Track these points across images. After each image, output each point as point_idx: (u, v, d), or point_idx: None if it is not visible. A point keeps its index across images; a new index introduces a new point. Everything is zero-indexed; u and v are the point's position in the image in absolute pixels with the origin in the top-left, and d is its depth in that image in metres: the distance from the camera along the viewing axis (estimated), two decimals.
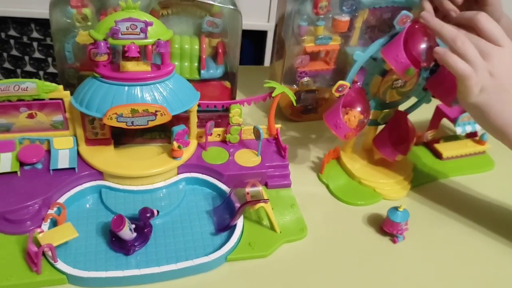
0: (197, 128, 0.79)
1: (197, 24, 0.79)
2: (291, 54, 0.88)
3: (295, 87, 0.92)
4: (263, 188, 0.71)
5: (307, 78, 0.92)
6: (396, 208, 0.71)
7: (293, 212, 0.75)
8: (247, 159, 0.79)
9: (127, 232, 0.64)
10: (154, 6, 0.75)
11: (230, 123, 0.80)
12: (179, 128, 0.75)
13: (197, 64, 0.80)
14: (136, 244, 0.65)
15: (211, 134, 0.80)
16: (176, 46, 0.78)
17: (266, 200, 0.68)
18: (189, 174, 0.77)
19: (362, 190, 0.81)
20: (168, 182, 0.75)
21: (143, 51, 0.68)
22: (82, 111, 0.68)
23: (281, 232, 0.70)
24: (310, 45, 0.87)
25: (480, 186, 0.85)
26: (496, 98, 0.65)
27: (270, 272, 0.66)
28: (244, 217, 0.71)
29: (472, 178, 0.88)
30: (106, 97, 0.67)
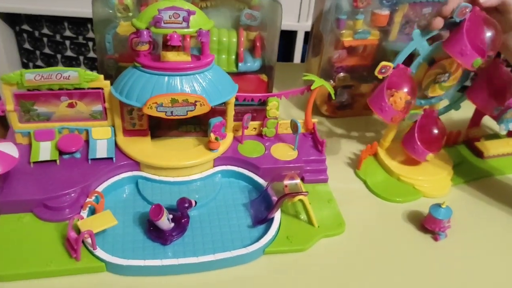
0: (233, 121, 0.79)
1: (235, 17, 0.79)
2: (329, 48, 0.87)
3: (331, 82, 0.91)
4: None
5: (344, 74, 0.91)
6: (439, 204, 0.69)
7: (330, 207, 0.73)
8: (284, 153, 0.78)
9: (165, 221, 0.63)
10: None
11: (267, 116, 0.79)
12: (217, 120, 0.75)
13: (234, 57, 0.80)
14: (174, 234, 0.65)
15: (248, 127, 0.79)
16: (214, 38, 0.78)
17: (305, 193, 0.67)
18: (225, 166, 0.77)
19: (401, 187, 0.79)
20: (204, 174, 0.75)
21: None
22: (122, 100, 0.69)
23: (319, 226, 0.69)
24: (348, 39, 0.86)
25: None
26: None
27: (308, 266, 0.65)
28: (281, 210, 0.70)
29: None
30: (146, 86, 0.67)
